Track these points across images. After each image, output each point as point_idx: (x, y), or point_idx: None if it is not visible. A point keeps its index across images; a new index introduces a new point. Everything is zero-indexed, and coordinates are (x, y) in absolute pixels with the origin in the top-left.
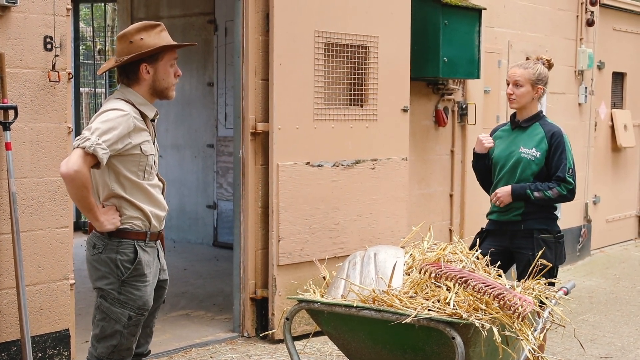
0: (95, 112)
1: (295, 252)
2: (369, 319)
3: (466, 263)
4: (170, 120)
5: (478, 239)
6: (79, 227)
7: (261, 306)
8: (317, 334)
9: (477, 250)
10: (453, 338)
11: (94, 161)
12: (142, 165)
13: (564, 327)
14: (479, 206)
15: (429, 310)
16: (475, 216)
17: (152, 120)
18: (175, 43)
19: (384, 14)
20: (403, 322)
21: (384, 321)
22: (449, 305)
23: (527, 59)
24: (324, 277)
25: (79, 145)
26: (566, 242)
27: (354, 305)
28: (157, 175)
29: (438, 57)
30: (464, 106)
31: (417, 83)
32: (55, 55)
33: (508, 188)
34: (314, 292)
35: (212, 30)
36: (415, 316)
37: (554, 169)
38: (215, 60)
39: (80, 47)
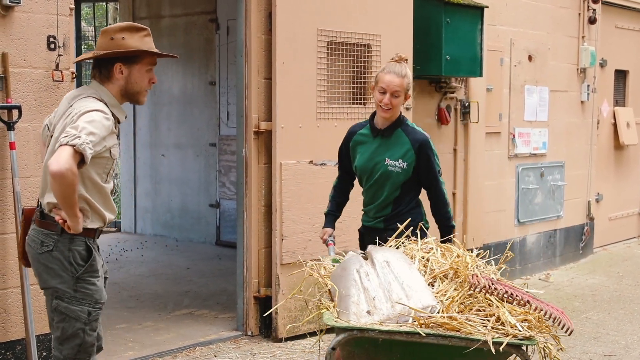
0: None
1: (299, 250)
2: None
3: (482, 271)
4: (172, 120)
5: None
6: None
7: (265, 305)
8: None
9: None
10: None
11: (79, 159)
12: (107, 169)
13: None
14: (481, 204)
15: (496, 331)
16: (478, 215)
17: (119, 123)
18: (155, 50)
19: (386, 12)
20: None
21: (440, 345)
22: (504, 323)
23: (399, 59)
24: (326, 284)
25: (68, 142)
26: (569, 240)
27: (428, 333)
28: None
29: (440, 56)
30: (466, 104)
31: (419, 81)
32: (59, 55)
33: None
34: (329, 308)
35: (214, 29)
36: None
37: (425, 176)
38: (217, 59)
39: (82, 47)
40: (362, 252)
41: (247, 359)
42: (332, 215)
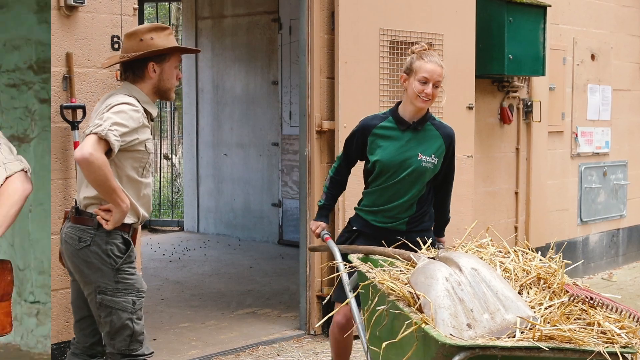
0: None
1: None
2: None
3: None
4: (235, 119)
5: (344, 240)
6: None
7: (328, 304)
8: None
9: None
10: None
11: (106, 147)
12: (143, 162)
13: None
14: (544, 204)
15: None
16: (540, 214)
17: (152, 120)
18: (183, 46)
19: (448, 11)
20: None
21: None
22: (605, 332)
23: (427, 48)
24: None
25: (91, 131)
26: (632, 240)
27: (549, 347)
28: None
29: (503, 55)
30: (529, 103)
31: (482, 81)
32: None
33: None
34: (428, 323)
35: (277, 29)
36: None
37: (447, 170)
38: (280, 58)
39: None
40: (430, 256)
41: (310, 358)
42: (327, 208)
